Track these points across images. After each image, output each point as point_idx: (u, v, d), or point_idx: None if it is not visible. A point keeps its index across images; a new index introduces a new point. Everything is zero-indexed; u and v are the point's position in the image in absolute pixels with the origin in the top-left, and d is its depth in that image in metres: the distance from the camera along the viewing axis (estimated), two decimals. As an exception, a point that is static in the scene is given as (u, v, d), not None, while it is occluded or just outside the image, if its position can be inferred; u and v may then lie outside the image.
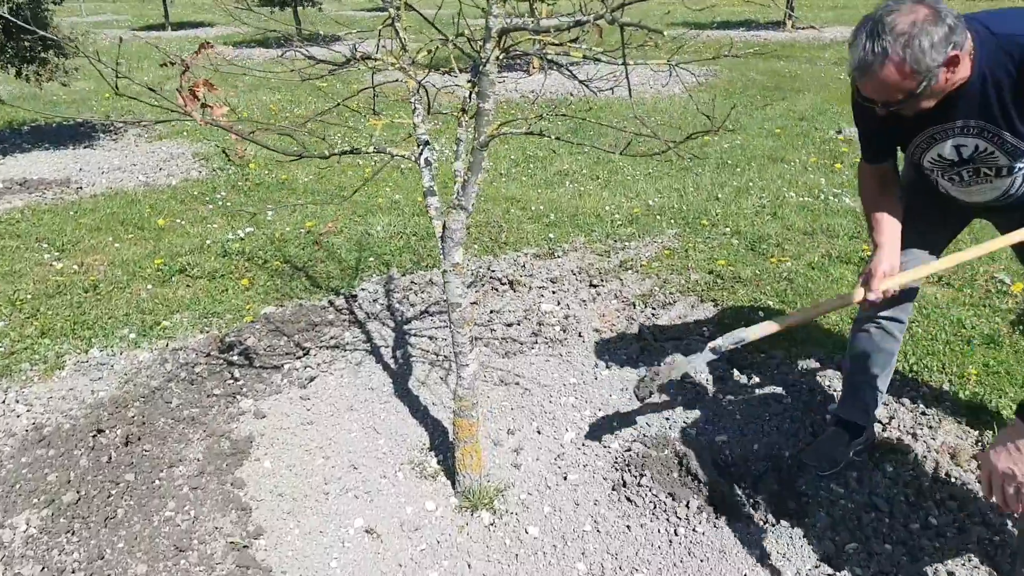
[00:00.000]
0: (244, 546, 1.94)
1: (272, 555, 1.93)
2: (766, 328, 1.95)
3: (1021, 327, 2.83)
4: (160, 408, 2.55)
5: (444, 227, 1.82)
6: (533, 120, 1.77)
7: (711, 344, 1.99)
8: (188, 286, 3.55)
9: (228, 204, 4.71)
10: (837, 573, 1.80)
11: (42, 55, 5.71)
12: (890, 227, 1.87)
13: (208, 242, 4.04)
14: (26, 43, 5.54)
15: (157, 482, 2.21)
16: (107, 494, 2.12)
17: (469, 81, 1.71)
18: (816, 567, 1.83)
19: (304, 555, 1.93)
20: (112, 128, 6.76)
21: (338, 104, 1.96)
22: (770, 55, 10.01)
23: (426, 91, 1.73)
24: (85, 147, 6.24)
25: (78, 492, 2.12)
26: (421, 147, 1.88)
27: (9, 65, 5.62)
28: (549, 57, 1.78)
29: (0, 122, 7.10)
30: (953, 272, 3.32)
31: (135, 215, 4.49)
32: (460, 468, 2.04)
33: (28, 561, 1.91)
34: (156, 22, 16.31)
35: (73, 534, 2.00)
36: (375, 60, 1.84)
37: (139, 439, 2.38)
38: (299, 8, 12.20)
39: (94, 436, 2.37)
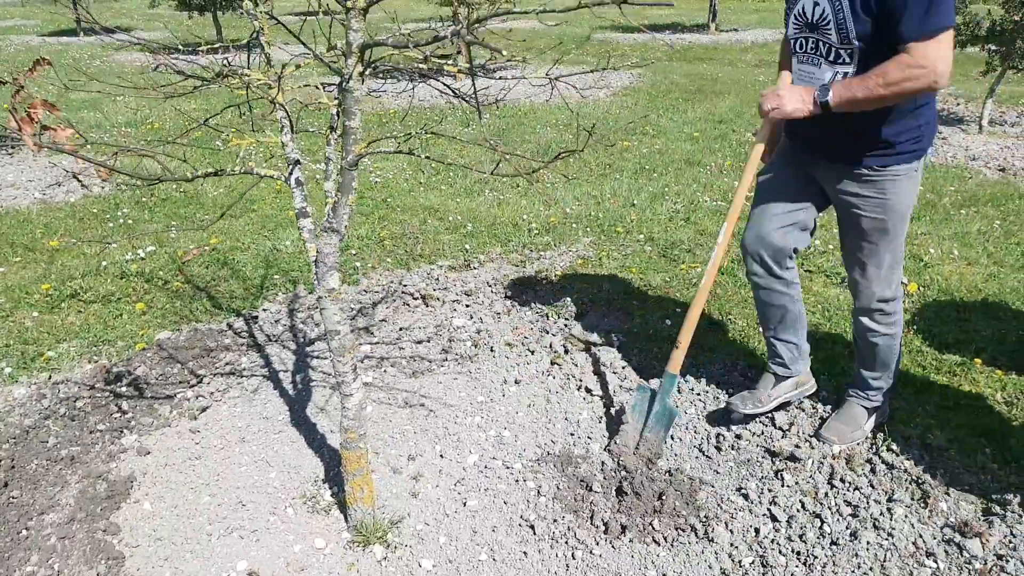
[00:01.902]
0: (113, 600, 1.80)
1: (144, 608, 1.79)
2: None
3: (915, 326, 2.90)
4: (34, 449, 2.36)
5: (317, 251, 1.73)
6: (401, 139, 1.70)
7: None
8: (80, 312, 3.33)
9: (130, 222, 4.47)
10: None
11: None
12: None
13: (105, 264, 3.81)
14: None
15: (24, 532, 2.03)
16: (-40, 551, 1.94)
17: (335, 99, 1.62)
18: (712, 584, 1.81)
19: (179, 606, 1.80)
20: (8, 141, 6.35)
21: (203, 123, 1.84)
22: (693, 59, 10.21)
23: (284, 109, 1.63)
24: (-25, 163, 5.84)
25: (-72, 551, 1.93)
26: (291, 166, 1.78)
27: None
28: (422, 72, 1.72)
29: None
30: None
31: (25, 236, 4.21)
32: (351, 502, 1.95)
33: None
34: (68, 27, 15.52)
35: (-81, 599, 1.82)
36: (242, 76, 1.73)
37: (5, 485, 2.19)
38: (219, 13, 11.79)
39: (-47, 486, 2.17)
